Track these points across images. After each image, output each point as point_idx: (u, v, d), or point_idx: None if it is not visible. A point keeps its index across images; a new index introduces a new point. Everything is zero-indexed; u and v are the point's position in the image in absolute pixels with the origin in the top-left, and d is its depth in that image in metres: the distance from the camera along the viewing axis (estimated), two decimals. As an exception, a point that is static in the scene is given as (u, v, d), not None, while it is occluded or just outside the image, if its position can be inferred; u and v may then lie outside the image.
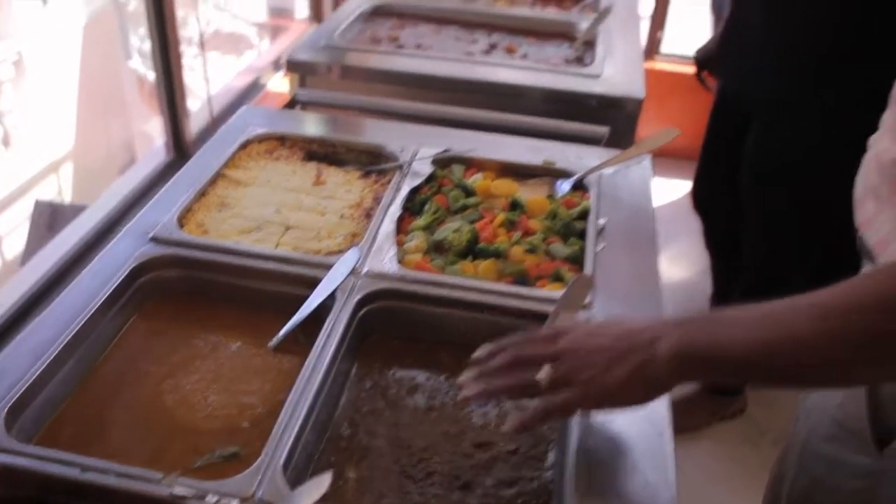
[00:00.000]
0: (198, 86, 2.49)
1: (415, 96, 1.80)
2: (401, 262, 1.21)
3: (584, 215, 1.34)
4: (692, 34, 3.22)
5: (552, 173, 1.47)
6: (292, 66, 1.86)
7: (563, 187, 1.41)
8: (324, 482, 0.78)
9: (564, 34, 2.14)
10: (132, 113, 3.86)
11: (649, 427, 0.94)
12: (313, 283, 1.15)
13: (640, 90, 1.77)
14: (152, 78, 1.94)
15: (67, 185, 3.35)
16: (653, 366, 0.78)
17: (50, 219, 1.89)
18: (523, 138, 1.60)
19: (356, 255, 1.19)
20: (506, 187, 1.41)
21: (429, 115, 1.74)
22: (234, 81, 3.51)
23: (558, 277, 1.19)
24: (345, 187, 1.43)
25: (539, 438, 1.00)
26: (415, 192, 1.39)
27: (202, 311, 1.19)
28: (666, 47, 3.74)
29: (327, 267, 1.17)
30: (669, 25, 3.67)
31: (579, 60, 2.00)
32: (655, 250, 1.30)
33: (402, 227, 1.31)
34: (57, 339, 1.02)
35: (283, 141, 1.55)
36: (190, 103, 2.02)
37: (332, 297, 1.12)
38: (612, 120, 1.73)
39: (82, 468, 0.85)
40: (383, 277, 1.16)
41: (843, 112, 1.67)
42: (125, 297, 1.15)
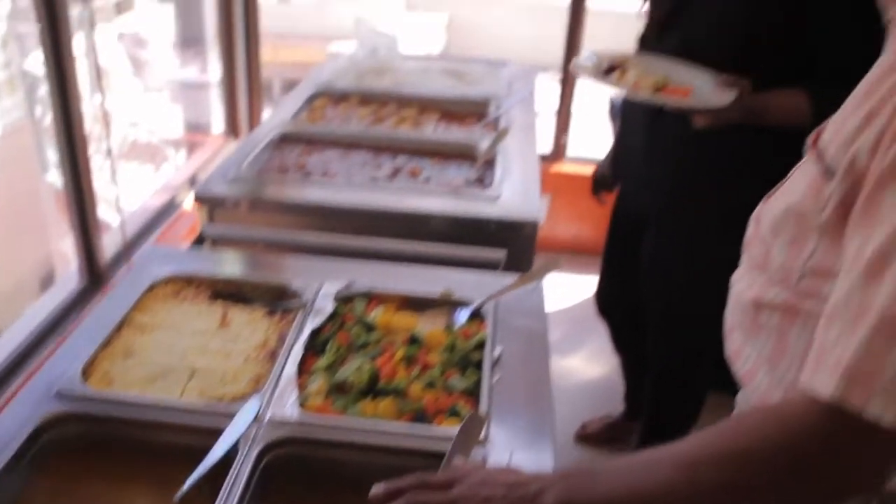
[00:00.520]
0: (114, 204, 2.51)
1: (321, 226, 1.86)
2: (303, 405, 1.25)
3: (482, 345, 1.41)
4: (596, 137, 3.39)
5: (451, 303, 1.54)
6: (201, 199, 1.91)
7: (461, 318, 1.48)
8: None
9: (466, 154, 2.24)
10: (50, 228, 3.84)
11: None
12: (217, 433, 1.17)
13: (536, 212, 1.87)
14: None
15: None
16: None
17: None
18: (424, 267, 1.67)
19: (257, 403, 1.22)
20: (405, 321, 1.47)
21: (334, 246, 1.80)
22: (151, 200, 3.54)
23: (455, 413, 1.25)
24: (250, 327, 1.47)
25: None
26: (317, 332, 1.44)
27: (107, 467, 1.20)
28: (572, 150, 3.91)
29: (230, 416, 1.20)
30: (575, 129, 3.85)
31: (480, 181, 2.10)
32: (548, 377, 1.37)
33: (304, 368, 1.35)
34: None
35: (189, 281, 1.59)
36: (109, 217, 2.05)
37: (235, 447, 1.15)
38: (511, 242, 1.82)
39: None
40: (285, 424, 1.20)
41: (720, 226, 1.79)
42: (27, 457, 1.16)
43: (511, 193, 1.95)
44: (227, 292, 1.58)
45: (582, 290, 3.36)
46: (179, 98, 6.02)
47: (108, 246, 2.45)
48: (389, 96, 2.63)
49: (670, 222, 1.99)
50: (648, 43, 1.95)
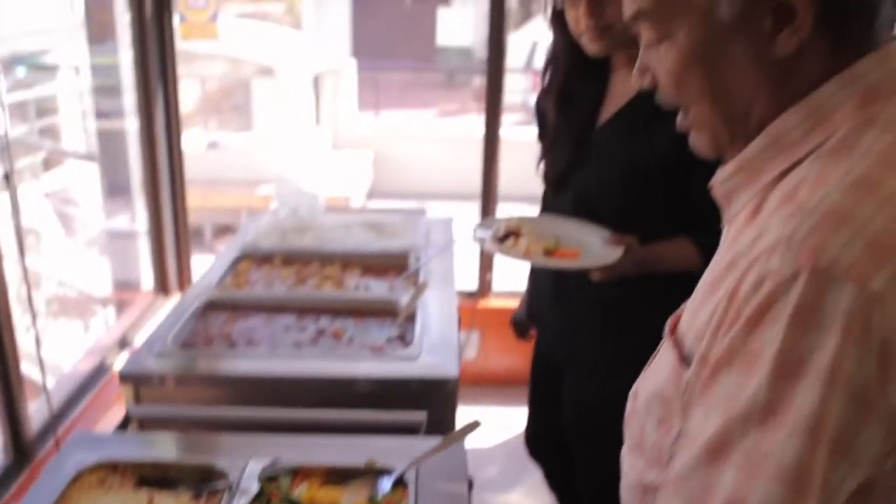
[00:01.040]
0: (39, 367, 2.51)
1: (247, 398, 1.90)
2: None
3: (405, 515, 1.45)
4: (520, 269, 3.51)
5: (375, 472, 1.58)
6: (125, 378, 1.94)
7: (384, 487, 1.52)
8: None
9: (387, 311, 2.32)
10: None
11: None
12: None
13: (454, 370, 1.94)
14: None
15: None
16: None
17: None
18: (348, 437, 1.72)
19: None
20: (330, 496, 1.51)
21: (261, 420, 1.84)
22: (80, 364, 3.52)
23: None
24: (176, 514, 1.49)
25: None
26: (242, 516, 1.47)
27: None
28: (498, 284, 4.05)
29: None
30: (500, 262, 3.98)
31: (402, 338, 2.17)
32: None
33: (230, 554, 1.37)
34: None
35: (115, 468, 1.61)
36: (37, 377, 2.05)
37: None
38: (432, 401, 1.88)
39: None
40: None
41: (634, 367, 1.89)
42: None
43: (430, 350, 2.03)
44: (153, 477, 1.60)
45: (517, 423, 3.42)
46: (108, 250, 6.04)
47: (36, 414, 2.45)
48: (312, 255, 2.72)
49: (584, 367, 2.08)
50: (548, 200, 2.10)
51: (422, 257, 2.68)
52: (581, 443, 2.19)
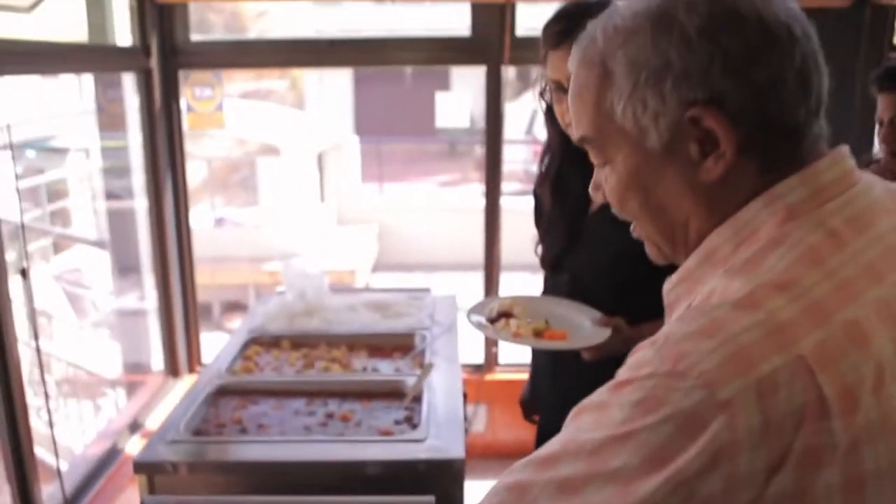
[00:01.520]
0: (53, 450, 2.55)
1: (259, 486, 1.95)
2: None
3: None
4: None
5: (384, 557, 1.63)
6: (139, 468, 1.99)
7: (395, 573, 1.56)
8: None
9: (394, 393, 2.37)
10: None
11: None
12: None
13: (460, 450, 1.98)
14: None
15: None
16: None
17: None
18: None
19: None
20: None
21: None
22: (92, 448, 3.56)
23: None
24: None
25: None
26: None
27: None
28: (504, 357, 4.10)
29: None
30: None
31: (409, 420, 2.22)
32: None
33: None
34: None
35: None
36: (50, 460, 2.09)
37: None
38: (440, 483, 1.93)
39: None
40: None
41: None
42: None
43: (437, 432, 2.08)
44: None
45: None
46: (118, 329, 6.13)
47: (49, 500, 2.48)
48: (319, 337, 2.79)
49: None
50: (546, 282, 2.18)
51: (427, 337, 2.74)
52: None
